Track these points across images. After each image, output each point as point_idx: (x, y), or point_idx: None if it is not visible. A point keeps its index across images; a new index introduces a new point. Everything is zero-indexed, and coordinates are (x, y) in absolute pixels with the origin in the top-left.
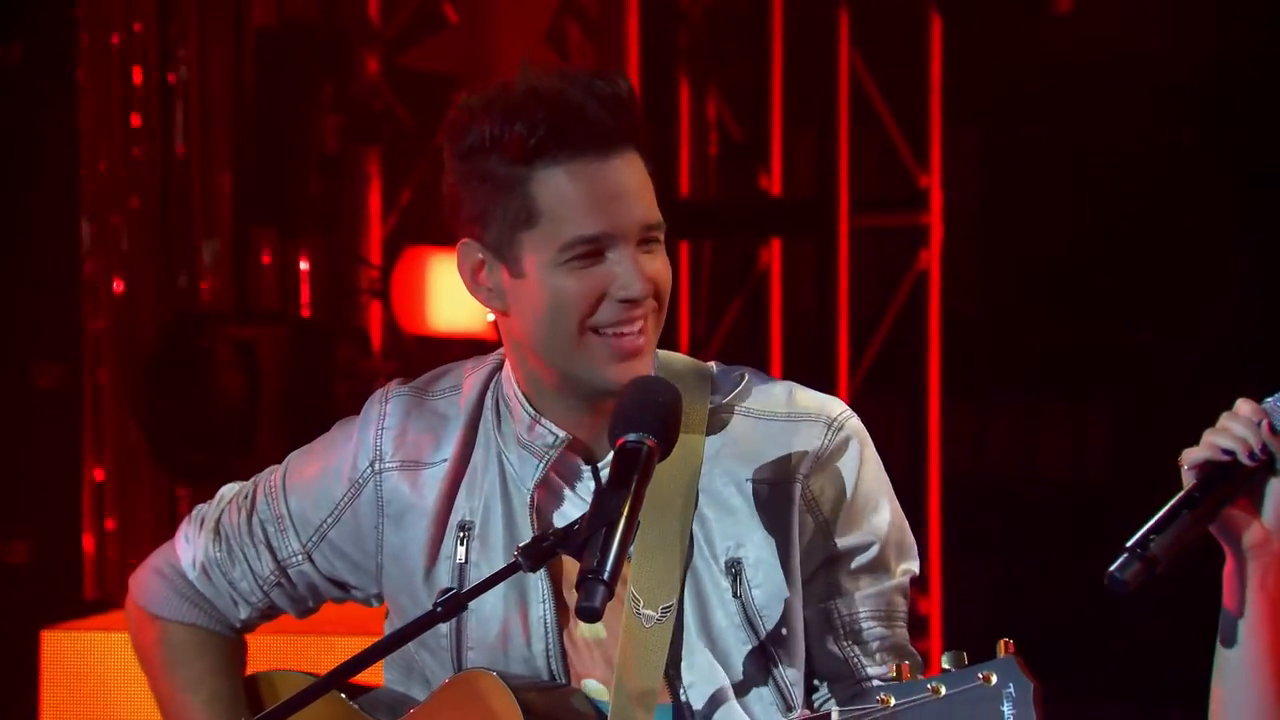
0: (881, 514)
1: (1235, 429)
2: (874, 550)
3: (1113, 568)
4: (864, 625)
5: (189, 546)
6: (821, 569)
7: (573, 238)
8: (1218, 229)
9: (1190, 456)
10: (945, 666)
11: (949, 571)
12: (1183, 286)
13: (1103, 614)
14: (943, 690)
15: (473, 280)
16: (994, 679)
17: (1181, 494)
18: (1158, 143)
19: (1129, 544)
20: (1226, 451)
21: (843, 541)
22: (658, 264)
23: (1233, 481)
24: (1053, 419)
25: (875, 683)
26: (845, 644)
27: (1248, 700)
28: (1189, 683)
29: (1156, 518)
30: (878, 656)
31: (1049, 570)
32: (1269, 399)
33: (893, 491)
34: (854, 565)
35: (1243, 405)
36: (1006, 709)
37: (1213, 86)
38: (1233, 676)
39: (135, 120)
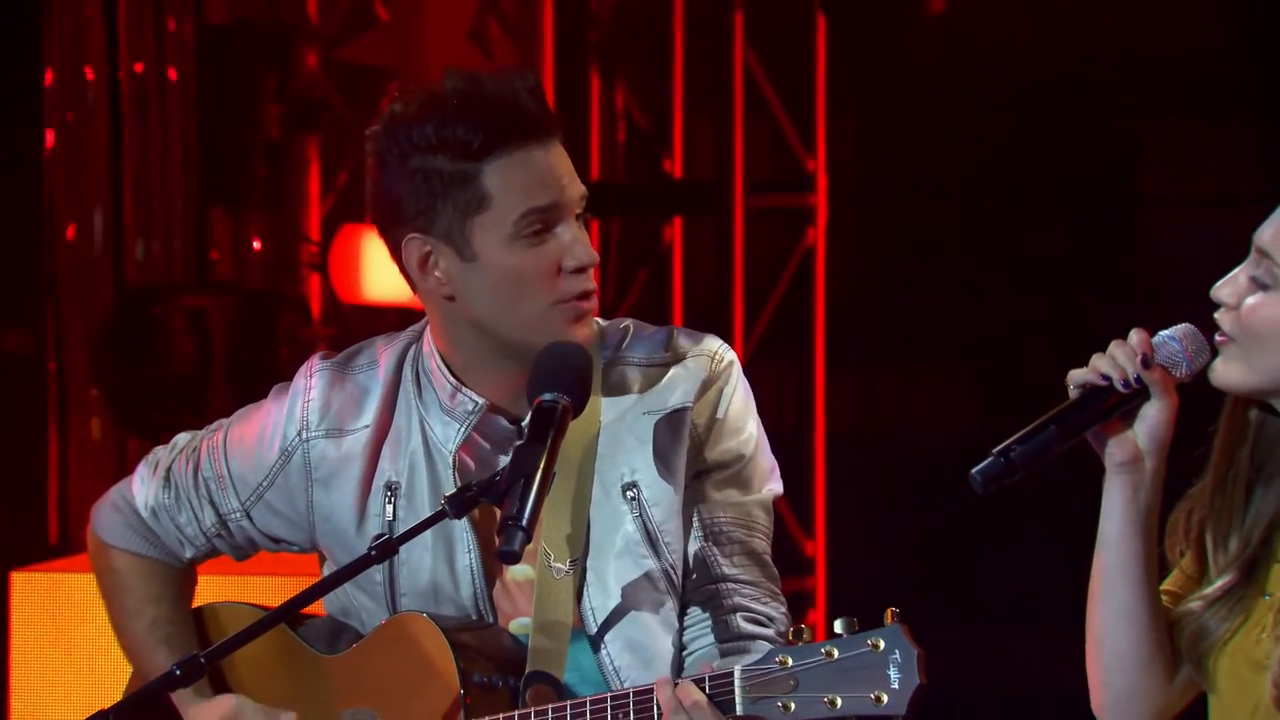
0: (747, 433)
1: (1117, 356)
2: (738, 466)
3: (976, 469)
4: (723, 529)
5: (143, 487)
6: (692, 480)
7: (527, 209)
8: (1069, 209)
9: (1074, 376)
10: (838, 631)
11: (832, 517)
12: (1037, 258)
13: (969, 550)
14: (835, 654)
15: (420, 272)
16: (881, 645)
17: (1055, 410)
18: (1015, 130)
19: (995, 449)
20: (1104, 377)
21: (711, 455)
22: (588, 236)
23: (1105, 405)
24: (926, 380)
25: (743, 600)
26: (706, 544)
27: (1117, 598)
28: (1054, 606)
29: (1026, 429)
30: (735, 560)
31: (923, 516)
32: (1161, 332)
33: (759, 419)
34: (720, 477)
35: (1133, 334)
36: (892, 673)
37: (1070, 79)
38: (1105, 577)
39: (99, 110)
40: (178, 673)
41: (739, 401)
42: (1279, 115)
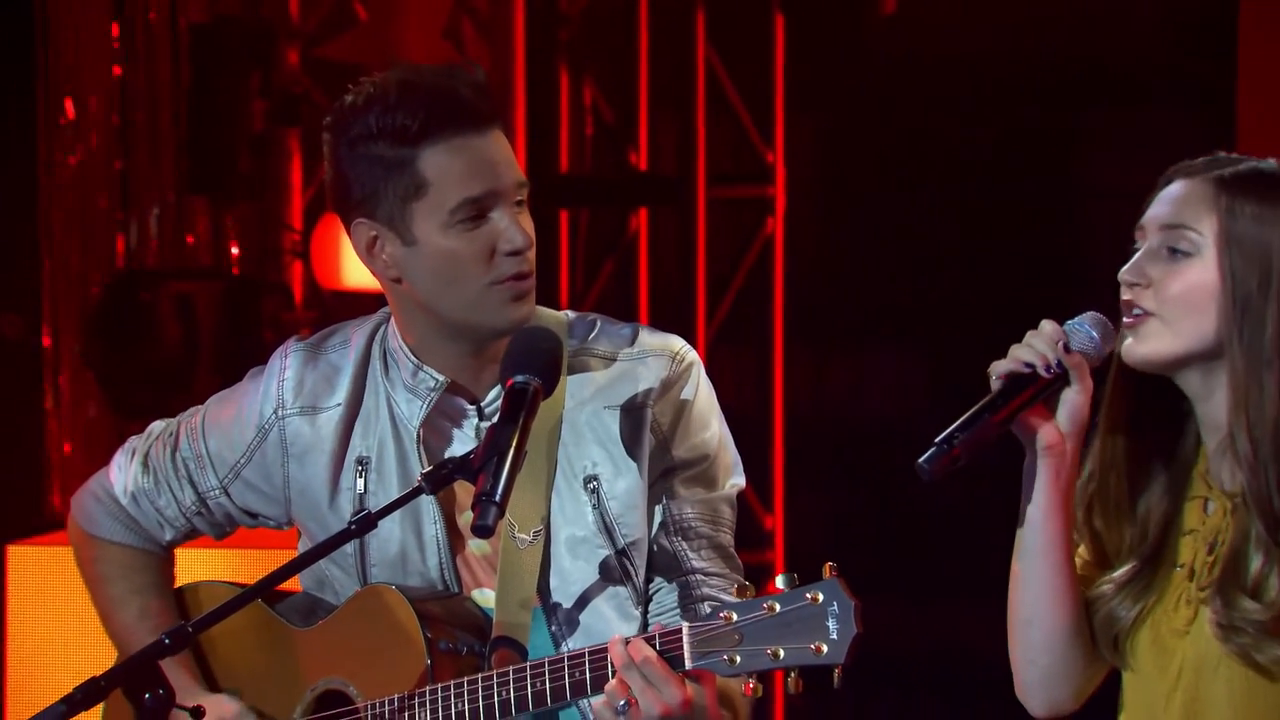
0: (711, 431)
1: (1036, 344)
2: (704, 464)
3: (921, 459)
4: (691, 525)
5: (121, 475)
6: (660, 478)
7: (461, 199)
8: (1014, 200)
9: (997, 367)
10: (780, 587)
11: (790, 494)
12: (984, 247)
13: (919, 524)
14: (777, 608)
15: (368, 254)
16: (820, 598)
17: (986, 399)
18: (963, 125)
19: (937, 439)
20: (1027, 364)
21: (678, 454)
22: (528, 221)
23: (1030, 391)
24: (879, 364)
25: (706, 590)
26: (675, 539)
27: (1040, 578)
28: (990, 578)
29: (963, 418)
30: (703, 553)
31: (876, 491)
32: (1070, 321)
33: (723, 416)
34: (686, 475)
35: (1046, 324)
36: (831, 624)
37: (1015, 76)
38: (1028, 558)
39: (92, 106)
40: (167, 641)
41: (703, 401)
42: (1212, 108)
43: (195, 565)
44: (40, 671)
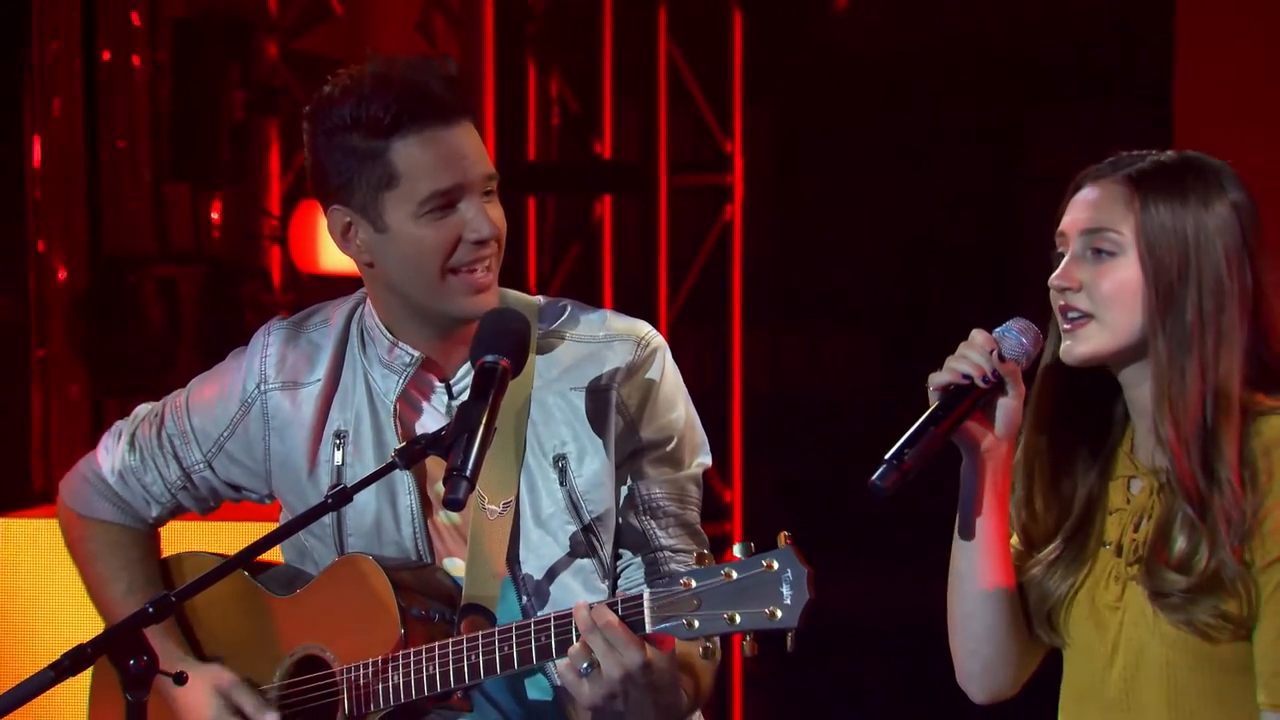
0: (678, 413)
1: (972, 356)
2: (670, 445)
3: (874, 477)
4: (659, 504)
5: (108, 455)
6: (628, 459)
7: (430, 192)
8: (960, 188)
9: (935, 379)
10: (736, 555)
11: (748, 469)
12: (932, 233)
13: (869, 496)
14: (734, 575)
15: (343, 239)
16: (775, 565)
17: (928, 412)
18: (911, 116)
19: (886, 456)
20: (965, 376)
21: (645, 435)
22: (497, 211)
23: (969, 401)
24: (832, 343)
25: (674, 566)
26: (644, 518)
27: (981, 574)
28: (937, 551)
29: (908, 433)
30: (671, 531)
31: (829, 466)
32: (998, 329)
33: (689, 397)
34: (654, 455)
35: (977, 335)
36: (786, 590)
37: (962, 70)
38: (968, 556)
39: (77, 96)
40: (150, 610)
41: (669, 383)
42: (1147, 100)
43: (184, 538)
44: (28, 641)
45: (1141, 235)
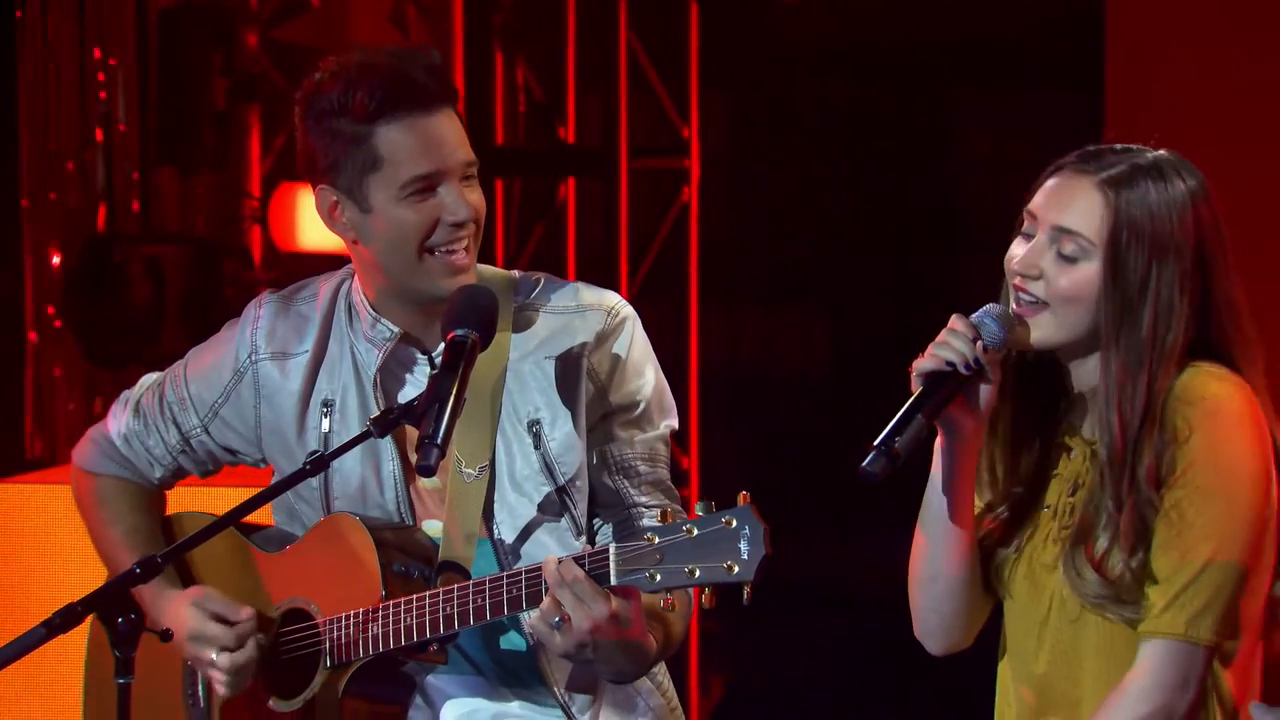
0: (646, 379)
1: (956, 344)
2: (640, 407)
3: (864, 463)
4: (632, 464)
5: (115, 421)
6: (600, 422)
7: (411, 176)
8: (903, 171)
9: (920, 366)
10: (698, 513)
11: (704, 437)
12: (877, 214)
13: (817, 463)
14: (695, 531)
15: (329, 217)
16: (734, 523)
17: (913, 399)
18: (858, 102)
19: (876, 443)
20: (948, 363)
21: (614, 400)
22: (476, 194)
23: (952, 387)
24: (785, 320)
25: (644, 523)
26: (617, 478)
27: (946, 540)
28: (880, 514)
29: (895, 420)
30: (643, 489)
31: (781, 436)
32: (975, 315)
33: (657, 363)
34: (624, 419)
35: (957, 322)
36: (743, 546)
37: (906, 59)
38: (936, 524)
39: (68, 86)
40: (137, 570)
41: (637, 351)
42: (1082, 90)
43: (188, 502)
44: (22, 601)
45: (1109, 246)
